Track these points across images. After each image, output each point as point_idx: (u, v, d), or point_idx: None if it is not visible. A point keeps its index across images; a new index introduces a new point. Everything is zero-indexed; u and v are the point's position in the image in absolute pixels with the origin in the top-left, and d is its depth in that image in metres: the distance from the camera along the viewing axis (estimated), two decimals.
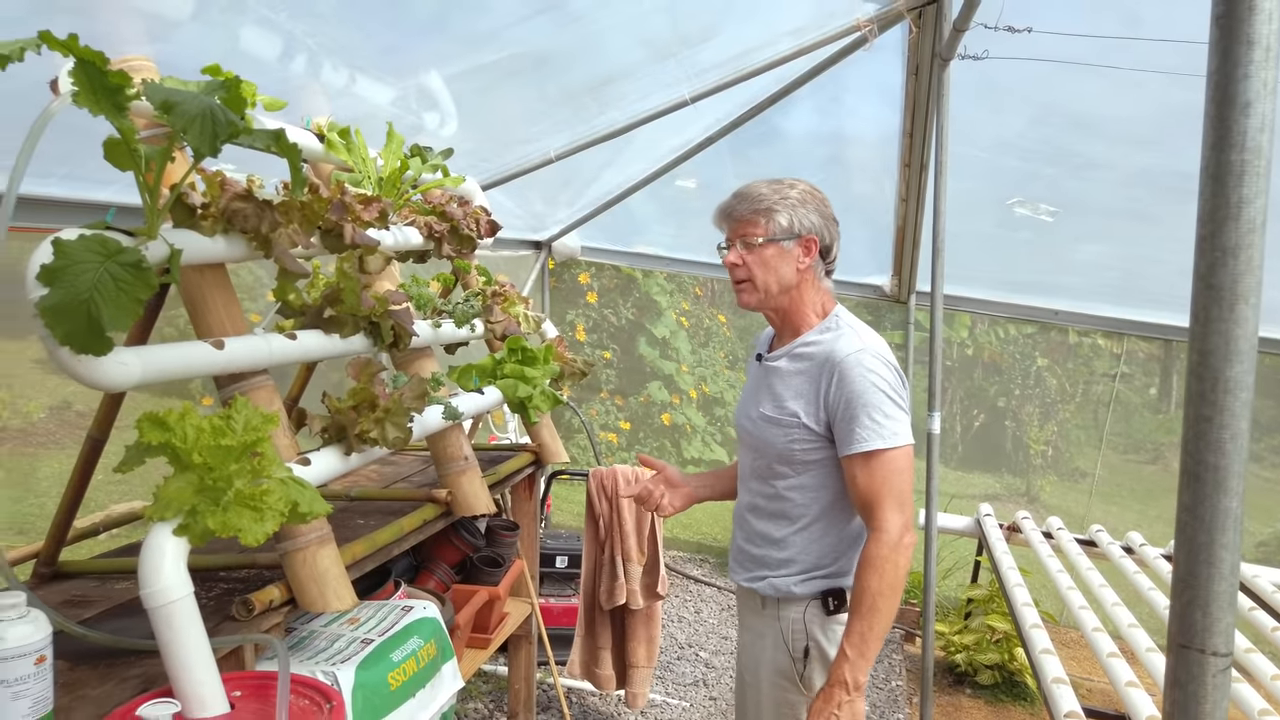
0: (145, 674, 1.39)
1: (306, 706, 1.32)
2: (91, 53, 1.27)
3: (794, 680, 1.87)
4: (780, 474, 1.89)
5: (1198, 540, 0.64)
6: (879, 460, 1.76)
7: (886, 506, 1.76)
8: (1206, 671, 0.64)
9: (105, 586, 1.75)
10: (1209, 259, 0.63)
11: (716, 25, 2.82)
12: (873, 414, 1.77)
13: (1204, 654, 0.64)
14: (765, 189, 1.89)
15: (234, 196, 1.59)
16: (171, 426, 1.35)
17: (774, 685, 1.90)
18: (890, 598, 1.73)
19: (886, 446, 1.76)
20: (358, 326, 1.87)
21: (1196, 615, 0.65)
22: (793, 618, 1.89)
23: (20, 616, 1.17)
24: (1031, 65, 2.83)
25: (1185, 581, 0.66)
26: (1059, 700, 2.12)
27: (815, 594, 1.88)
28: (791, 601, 1.89)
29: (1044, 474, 7.90)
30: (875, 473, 1.77)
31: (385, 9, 2.11)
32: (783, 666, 1.89)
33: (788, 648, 1.89)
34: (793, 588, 1.88)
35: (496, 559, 2.63)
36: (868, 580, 1.73)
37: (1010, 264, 4.63)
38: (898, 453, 1.77)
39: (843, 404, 1.79)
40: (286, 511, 1.38)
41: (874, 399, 1.77)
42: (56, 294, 1.23)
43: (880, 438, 1.76)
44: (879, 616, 1.72)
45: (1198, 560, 0.64)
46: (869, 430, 1.76)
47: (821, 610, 1.87)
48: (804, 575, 1.88)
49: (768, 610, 1.93)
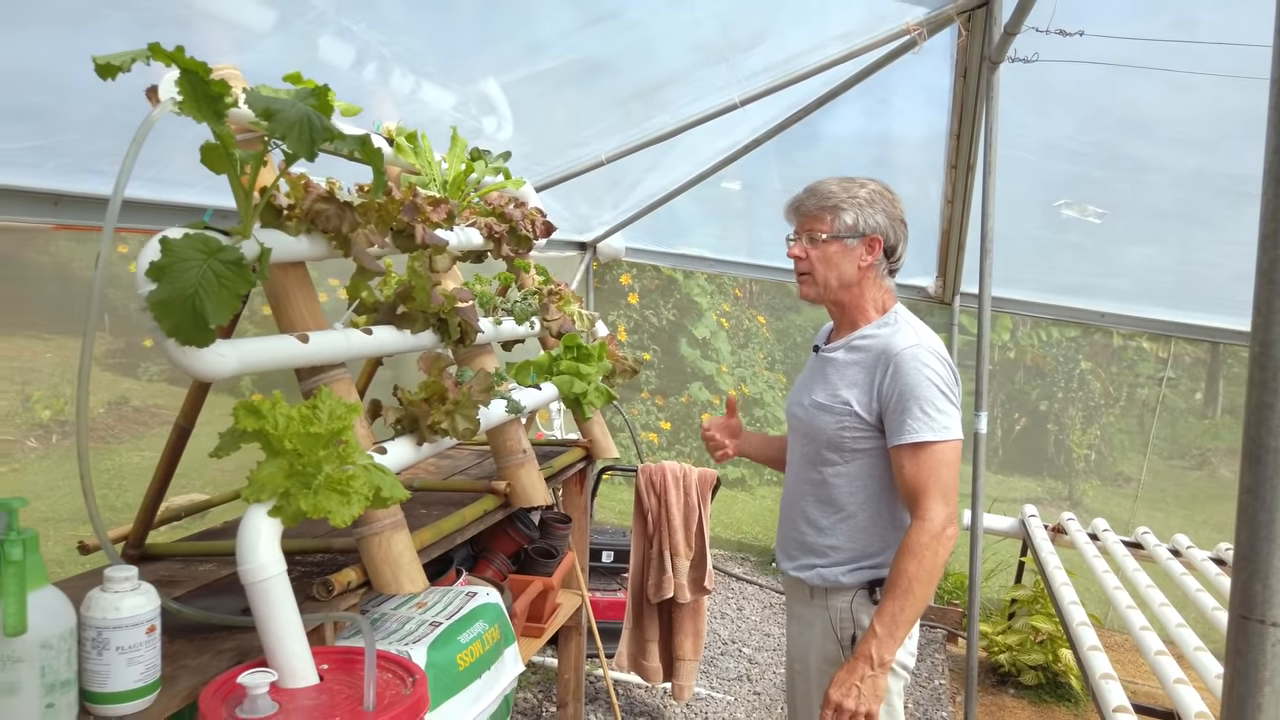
0: (238, 647, 1.47)
1: (391, 680, 1.39)
2: (195, 63, 1.36)
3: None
4: (829, 461, 1.94)
5: (1259, 519, 0.69)
6: (928, 452, 1.81)
7: (932, 497, 1.80)
8: (1266, 641, 0.68)
9: (190, 568, 1.85)
10: (1271, 256, 0.68)
11: (766, 30, 2.87)
12: (925, 407, 1.81)
13: (1264, 624, 0.68)
14: (835, 186, 1.94)
15: (317, 198, 1.67)
16: (265, 414, 1.43)
17: (822, 673, 1.95)
18: (926, 584, 1.78)
19: (936, 439, 1.81)
20: (427, 323, 1.95)
21: (1257, 588, 0.69)
22: (840, 607, 1.93)
23: (133, 589, 1.25)
24: (1082, 68, 2.84)
25: (1246, 558, 0.70)
26: (1108, 695, 2.14)
27: (862, 584, 1.92)
28: (839, 591, 1.93)
29: (1087, 478, 7.82)
30: (923, 464, 1.81)
31: (451, 19, 2.19)
32: (831, 655, 1.94)
33: (836, 636, 1.93)
34: (840, 577, 1.93)
35: (550, 550, 2.71)
36: (905, 564, 1.78)
37: (1056, 266, 4.63)
38: (946, 446, 1.82)
39: (896, 395, 1.84)
40: (371, 495, 1.46)
41: (927, 392, 1.82)
42: (164, 289, 1.32)
43: (930, 430, 1.80)
44: (912, 600, 1.77)
45: (1258, 537, 0.69)
46: (920, 422, 1.81)
47: (868, 599, 1.91)
48: (851, 565, 1.93)
49: (816, 600, 1.97)
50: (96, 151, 1.95)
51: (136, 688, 1.24)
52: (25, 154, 1.82)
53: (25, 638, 1.10)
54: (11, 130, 1.71)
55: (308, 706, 1.30)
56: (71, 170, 1.96)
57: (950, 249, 4.37)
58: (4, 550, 1.10)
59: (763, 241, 5.18)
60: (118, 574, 1.25)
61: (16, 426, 5.15)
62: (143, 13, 1.56)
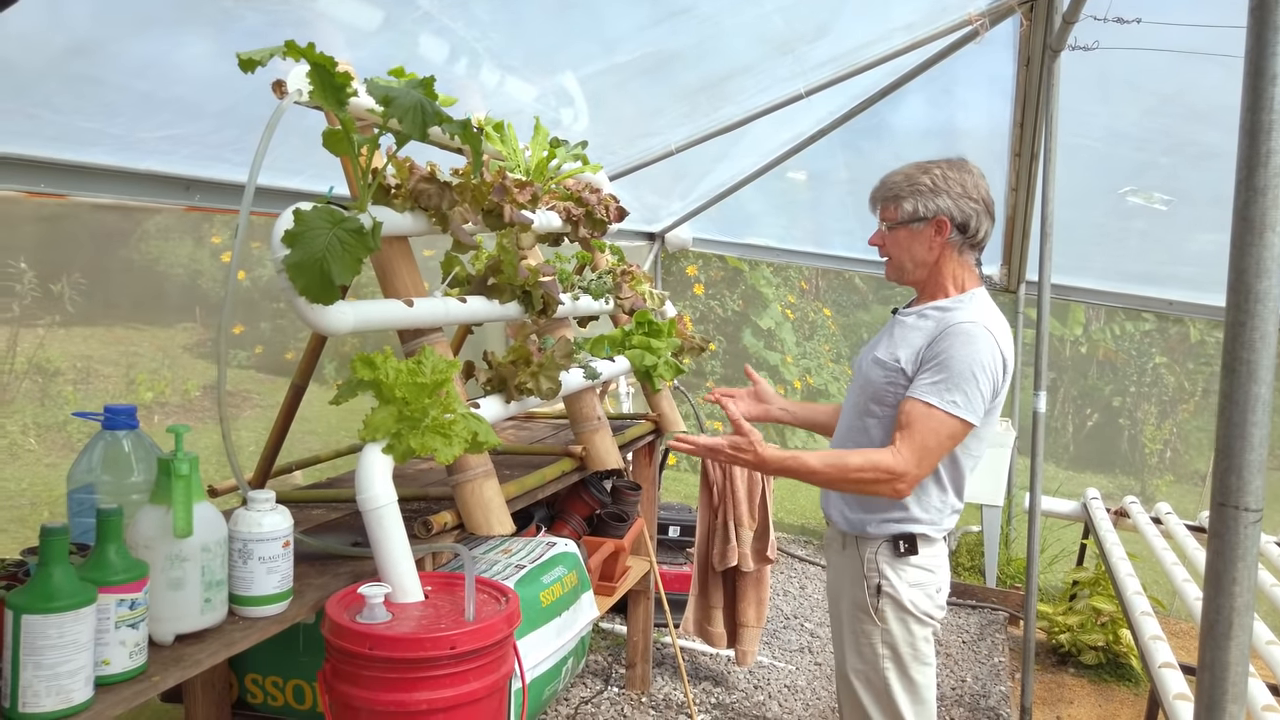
0: (352, 571, 1.68)
1: (487, 599, 1.58)
2: (324, 58, 1.56)
3: (869, 612, 2.04)
4: (870, 411, 2.06)
5: (1233, 419, 0.81)
6: (932, 414, 1.89)
7: (910, 448, 1.89)
8: (1240, 524, 0.80)
9: (304, 512, 2.07)
10: (1243, 197, 0.80)
11: (831, 22, 3.00)
12: (952, 377, 1.90)
13: (1238, 510, 0.80)
14: (900, 176, 2.06)
15: (420, 178, 1.87)
16: (378, 366, 1.63)
17: (852, 616, 2.08)
18: (832, 483, 1.98)
19: (941, 408, 1.89)
20: (514, 294, 2.14)
21: (1232, 479, 0.81)
22: (867, 556, 2.05)
23: (272, 509, 1.46)
24: (1147, 56, 2.89)
25: (1223, 453, 0.83)
26: (1168, 684, 2.21)
27: (888, 536, 2.04)
28: (867, 541, 2.06)
29: (1160, 474, 7.71)
30: (923, 421, 1.90)
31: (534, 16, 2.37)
32: (859, 600, 2.06)
33: (864, 583, 2.06)
34: (868, 528, 2.05)
35: (621, 515, 2.88)
36: (849, 459, 1.93)
37: (1122, 254, 4.63)
38: (952, 420, 1.89)
39: (933, 358, 1.93)
40: (469, 439, 1.65)
41: (959, 367, 1.90)
42: (297, 253, 1.52)
43: (940, 398, 1.89)
44: (811, 477, 1.97)
45: (1233, 435, 0.81)
46: (938, 388, 1.90)
47: (893, 551, 2.03)
48: (880, 517, 2.04)
49: (848, 549, 2.10)
50: (223, 140, 2.17)
51: (275, 593, 1.44)
52: (163, 143, 2.05)
53: (190, 540, 1.31)
54: (154, 120, 1.94)
55: (416, 615, 1.50)
56: (201, 157, 2.19)
57: (1015, 237, 4.43)
58: (174, 466, 1.31)
59: (828, 231, 5.28)
60: (259, 496, 1.46)
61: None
62: (273, 14, 1.77)
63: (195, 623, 1.33)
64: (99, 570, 1.19)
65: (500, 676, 1.49)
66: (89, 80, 1.67)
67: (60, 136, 1.77)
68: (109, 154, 1.93)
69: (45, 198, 1.84)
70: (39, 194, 1.85)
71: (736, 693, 3.40)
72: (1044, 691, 3.61)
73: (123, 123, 1.83)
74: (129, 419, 1.55)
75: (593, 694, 3.25)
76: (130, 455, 1.53)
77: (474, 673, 1.43)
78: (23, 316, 4.59)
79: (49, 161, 1.84)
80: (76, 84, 1.65)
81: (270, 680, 1.96)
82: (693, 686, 3.40)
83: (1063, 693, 3.63)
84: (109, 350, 5.69)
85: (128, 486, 1.51)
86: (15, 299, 4.37)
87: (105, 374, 5.59)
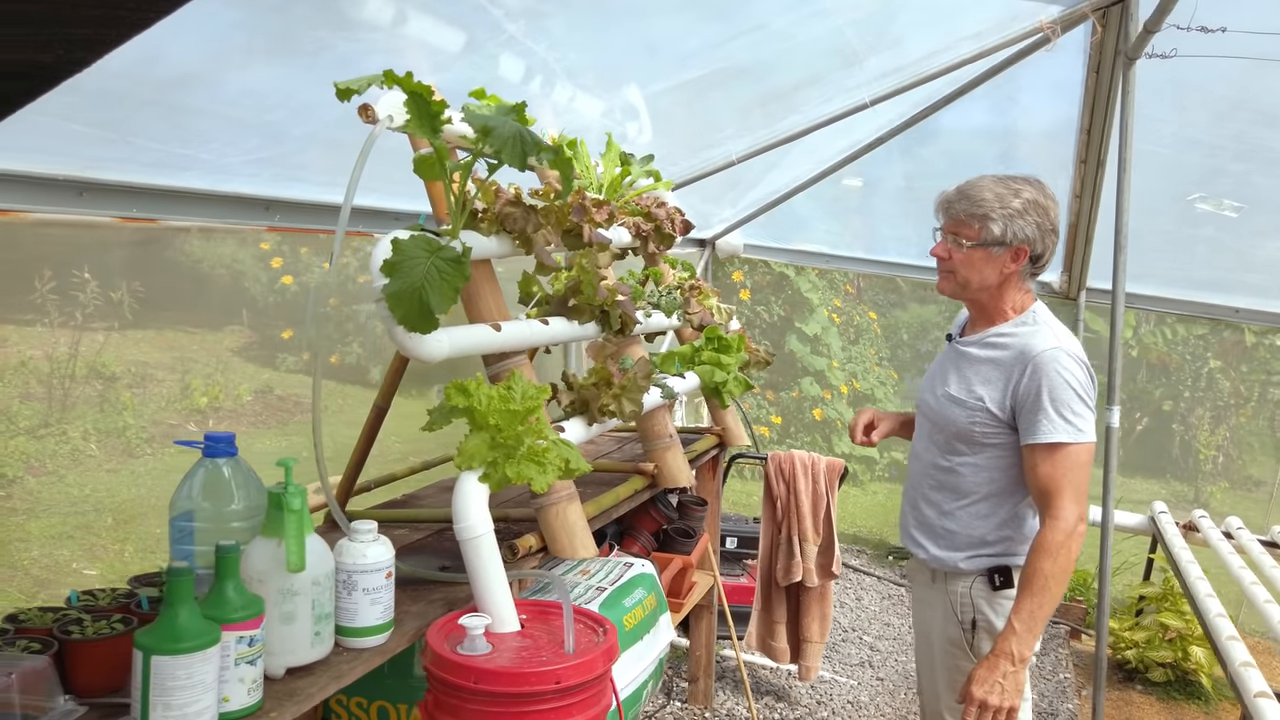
0: (445, 598, 1.68)
1: (583, 629, 1.57)
2: (421, 86, 1.56)
3: (964, 648, 2.01)
4: (957, 450, 2.02)
5: None
6: (1063, 453, 1.87)
7: (1065, 497, 1.87)
8: None
9: (387, 532, 2.07)
10: None
11: (901, 35, 2.96)
12: (1061, 409, 1.87)
13: None
14: (989, 194, 1.95)
15: (506, 202, 1.87)
16: (471, 393, 1.63)
17: (946, 652, 2.05)
18: (1060, 581, 1.86)
19: (1071, 441, 1.87)
20: (593, 314, 2.13)
21: None
22: (960, 591, 2.02)
23: (374, 539, 1.46)
24: (1218, 61, 2.82)
25: None
26: (1248, 682, 2.17)
27: (981, 570, 2.00)
28: (958, 576, 2.02)
29: (1214, 481, 7.55)
30: (1058, 464, 1.88)
31: (608, 34, 2.37)
32: (953, 636, 2.03)
33: (957, 618, 2.02)
34: (959, 563, 2.01)
35: (688, 531, 2.87)
36: (1041, 563, 1.85)
37: (1188, 261, 4.54)
38: (1081, 448, 1.88)
39: (1033, 396, 1.90)
40: (562, 466, 1.65)
41: (1064, 395, 1.88)
42: (396, 283, 1.52)
43: (1066, 432, 1.87)
44: (1048, 597, 1.85)
45: None
46: (1056, 424, 1.87)
47: (988, 586, 1.99)
48: (970, 552, 2.01)
49: (937, 584, 2.06)
50: (302, 163, 2.19)
51: (379, 624, 1.45)
52: (249, 165, 2.07)
53: (302, 575, 1.32)
54: (243, 145, 1.96)
55: (515, 647, 1.49)
56: (282, 179, 2.21)
57: (1077, 244, 4.34)
58: (287, 500, 1.31)
59: (881, 238, 5.22)
60: (362, 527, 1.46)
61: (178, 412, 5.66)
62: (364, 42, 1.77)
63: (305, 656, 1.34)
64: (219, 608, 1.19)
65: (600, 710, 1.48)
66: (186, 110, 1.69)
67: (156, 163, 1.79)
68: (198, 178, 1.95)
69: (139, 223, 1.87)
70: (132, 219, 1.87)
71: (800, 708, 3.38)
72: (1112, 709, 3.55)
73: (214, 148, 1.85)
74: (228, 446, 1.56)
75: (656, 709, 3.24)
76: (230, 482, 1.53)
77: (577, 707, 1.42)
78: (84, 323, 4.69)
79: (141, 187, 1.86)
80: (174, 114, 1.68)
81: (355, 701, 1.96)
82: (755, 702, 3.38)
83: (1131, 711, 3.57)
84: (163, 355, 5.78)
85: (228, 514, 1.51)
86: (78, 307, 4.47)
87: (160, 378, 5.68)
